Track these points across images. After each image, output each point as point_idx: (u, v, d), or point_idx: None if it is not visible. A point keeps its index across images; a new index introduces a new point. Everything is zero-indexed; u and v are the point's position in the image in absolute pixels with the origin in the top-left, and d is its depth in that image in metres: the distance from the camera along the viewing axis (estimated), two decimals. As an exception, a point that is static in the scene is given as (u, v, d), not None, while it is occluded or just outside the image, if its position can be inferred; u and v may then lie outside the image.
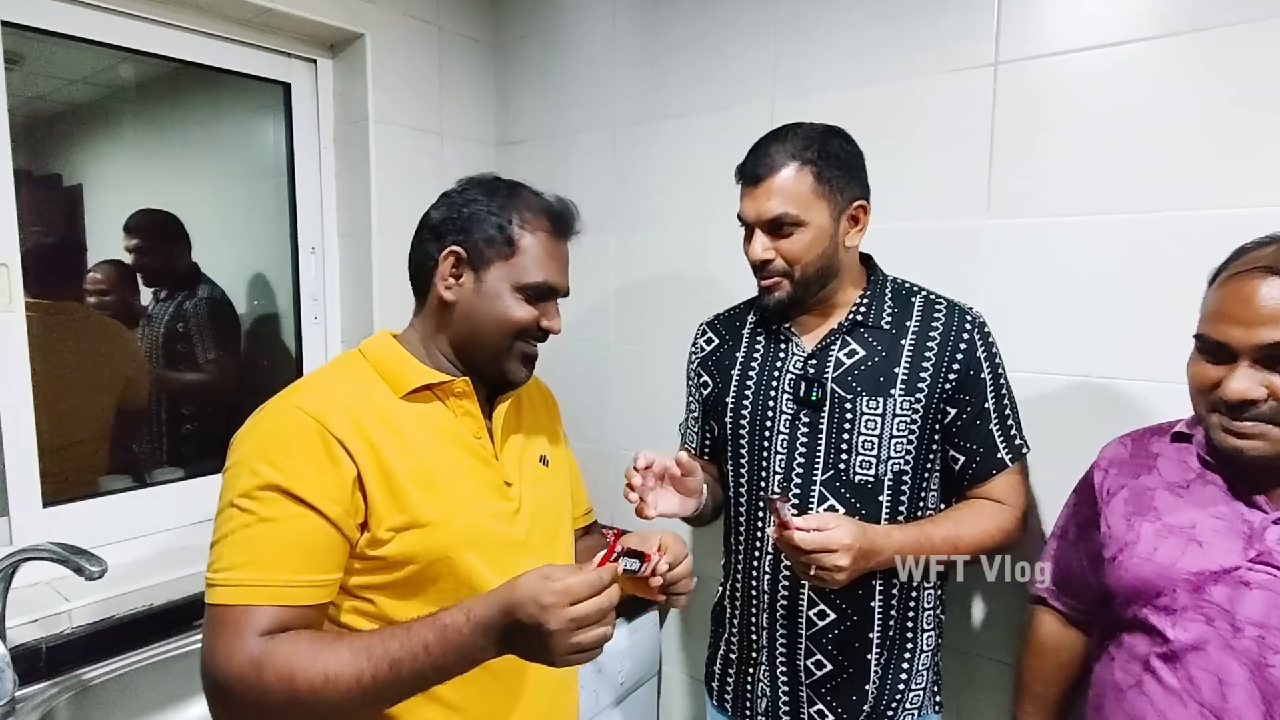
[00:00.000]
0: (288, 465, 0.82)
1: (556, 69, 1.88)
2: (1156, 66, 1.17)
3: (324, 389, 0.91)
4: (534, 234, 0.96)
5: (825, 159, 1.10)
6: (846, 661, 1.16)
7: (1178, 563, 0.91)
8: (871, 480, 1.13)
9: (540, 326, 0.98)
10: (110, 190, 1.60)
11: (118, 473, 1.58)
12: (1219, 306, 0.87)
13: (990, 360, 1.15)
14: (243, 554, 0.81)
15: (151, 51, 1.52)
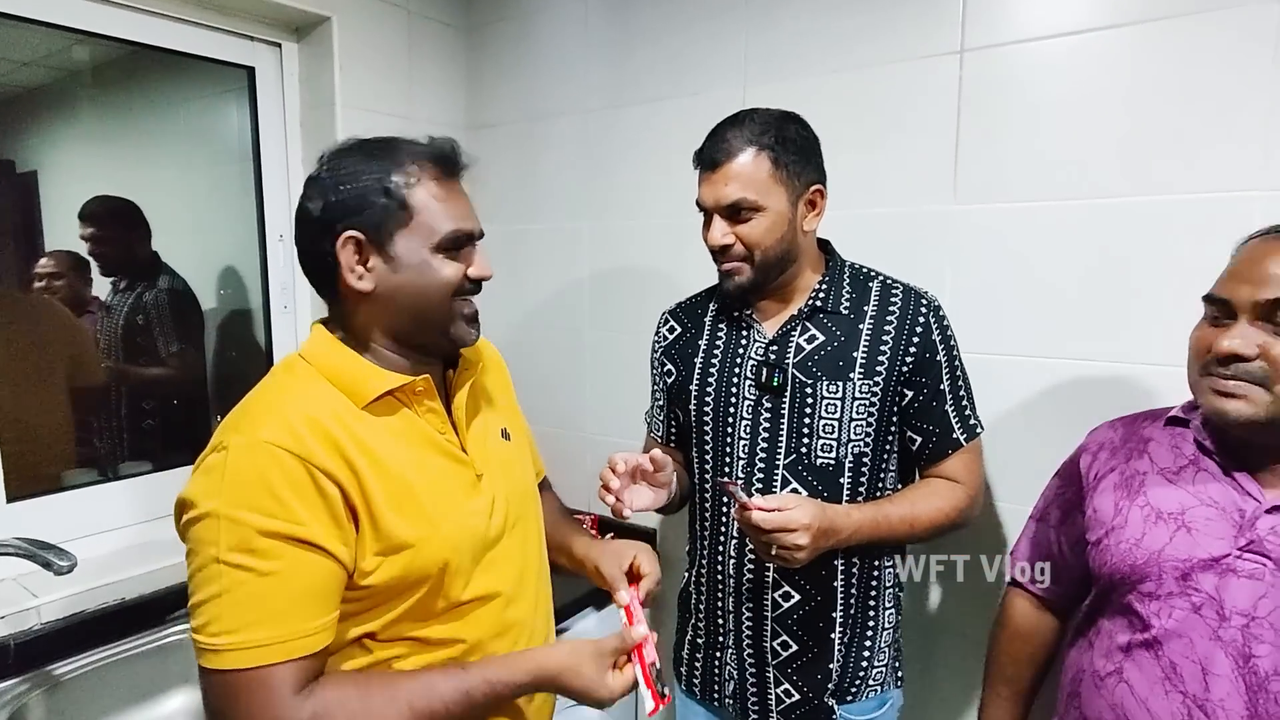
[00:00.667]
0: (279, 509, 0.76)
1: (528, 53, 1.86)
2: (1118, 54, 1.20)
3: (286, 415, 0.81)
4: (424, 184, 0.87)
5: (782, 144, 1.11)
6: (811, 641, 1.19)
7: (1166, 549, 0.90)
8: (832, 463, 1.15)
9: (470, 278, 0.91)
10: (67, 177, 1.56)
11: (83, 466, 1.55)
12: (1233, 268, 0.88)
13: (945, 343, 1.17)
14: (251, 613, 0.75)
15: (110, 35, 1.48)
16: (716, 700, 1.27)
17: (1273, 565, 0.84)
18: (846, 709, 1.19)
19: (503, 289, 2.00)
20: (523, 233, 1.94)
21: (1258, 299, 0.83)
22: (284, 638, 0.76)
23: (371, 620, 0.86)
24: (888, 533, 1.13)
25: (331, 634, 0.81)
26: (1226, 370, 0.85)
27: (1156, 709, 0.88)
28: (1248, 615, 0.84)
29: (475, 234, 0.91)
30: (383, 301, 0.88)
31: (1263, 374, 0.83)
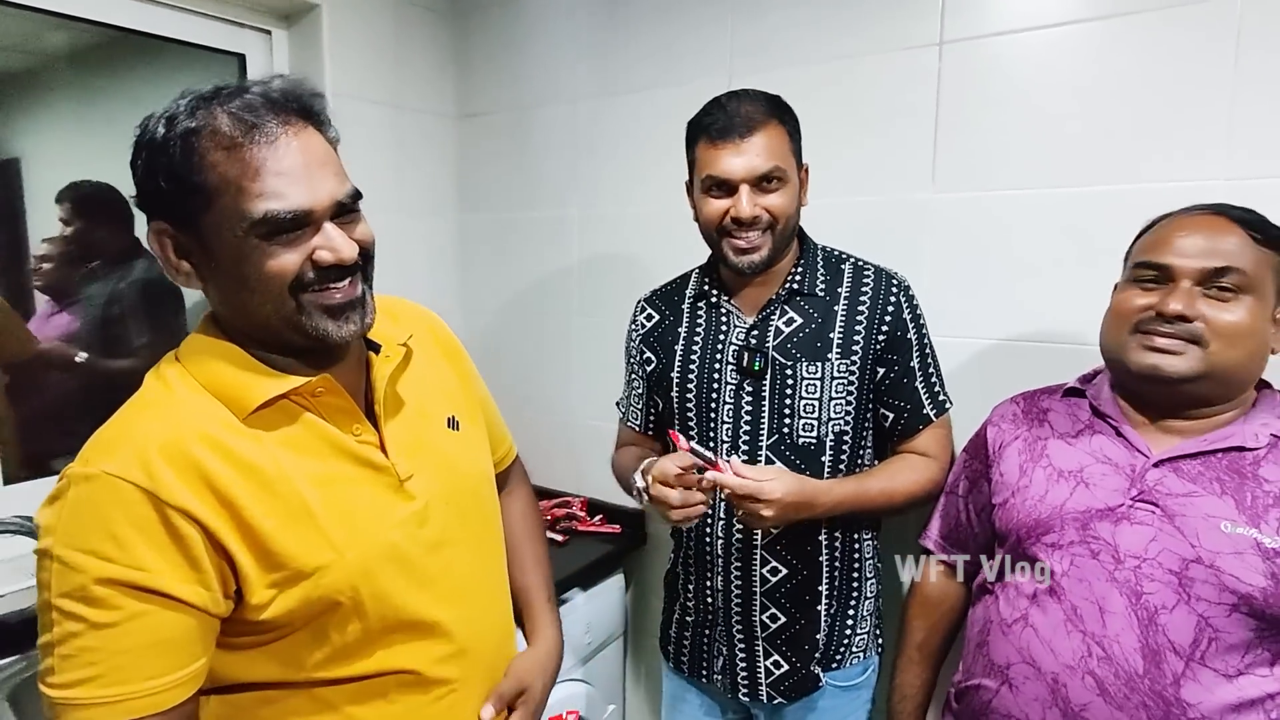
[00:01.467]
0: (117, 553, 0.65)
1: (517, 41, 1.88)
2: (1091, 47, 1.24)
3: (138, 435, 0.69)
4: (220, 154, 0.68)
5: (792, 121, 1.17)
6: (799, 613, 1.23)
7: (1067, 503, 0.98)
8: (814, 442, 1.19)
9: (316, 264, 0.71)
10: (51, 165, 1.55)
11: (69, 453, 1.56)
12: (1162, 237, 0.96)
13: (915, 321, 1.21)
14: (83, 668, 0.65)
15: (97, 20, 1.48)
16: (705, 677, 1.32)
17: (1160, 512, 0.92)
18: (832, 675, 1.25)
19: (493, 275, 2.03)
20: (513, 220, 1.96)
21: (1201, 267, 0.91)
22: (124, 696, 0.66)
23: (278, 661, 0.75)
24: (868, 505, 1.19)
25: (189, 687, 0.70)
26: (1167, 327, 0.92)
27: (1059, 648, 0.95)
28: (1140, 557, 0.92)
29: (314, 209, 0.70)
30: (219, 299, 0.75)
31: (1198, 332, 0.90)
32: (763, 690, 1.25)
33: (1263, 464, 0.91)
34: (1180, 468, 0.94)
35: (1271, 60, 1.12)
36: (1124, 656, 0.90)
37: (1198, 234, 0.93)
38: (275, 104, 0.71)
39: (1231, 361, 0.91)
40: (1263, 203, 1.14)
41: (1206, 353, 0.91)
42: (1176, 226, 0.95)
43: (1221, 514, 0.90)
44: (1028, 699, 0.96)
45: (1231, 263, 0.90)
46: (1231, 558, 0.87)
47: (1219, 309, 0.90)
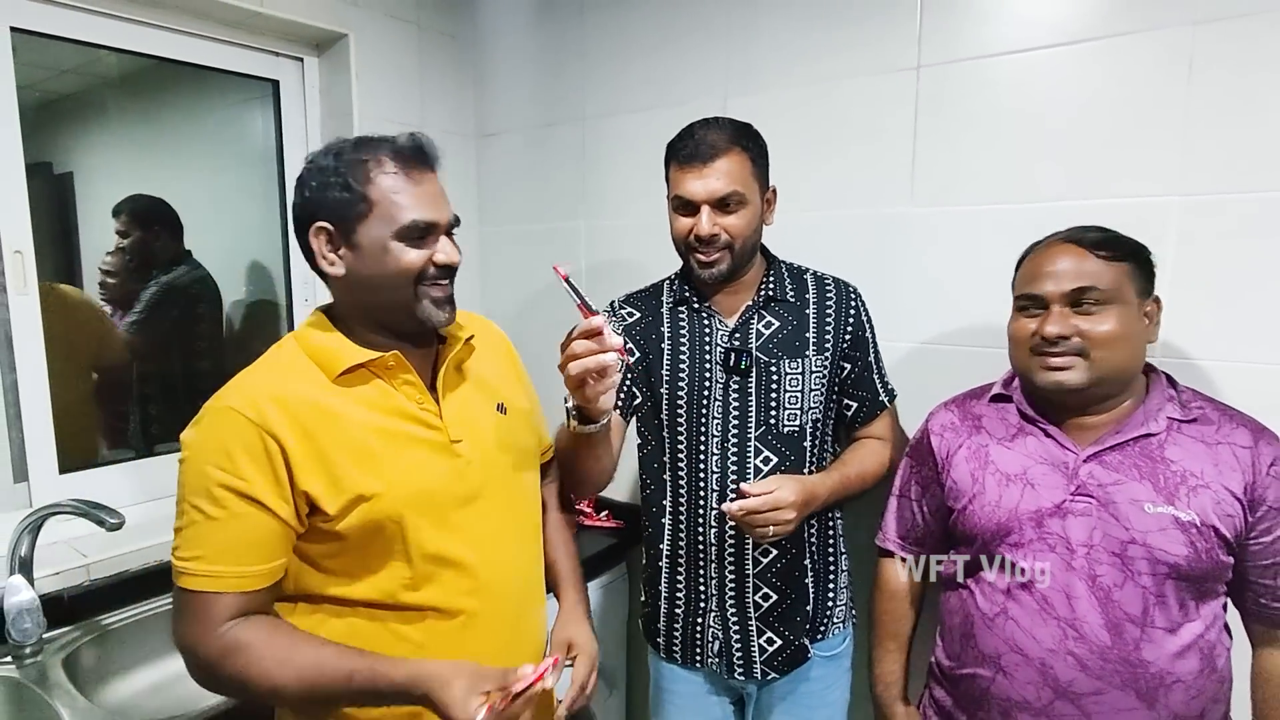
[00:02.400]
0: (229, 466, 0.88)
1: (532, 65, 2.00)
2: (1058, 71, 1.32)
3: (256, 384, 0.93)
4: (384, 178, 0.94)
5: (755, 147, 1.27)
6: (789, 589, 1.34)
7: (1020, 505, 1.10)
8: (797, 430, 1.32)
9: (435, 264, 0.97)
10: (101, 178, 1.68)
11: (122, 445, 1.71)
12: (1032, 270, 1.10)
13: (869, 323, 1.38)
14: (199, 547, 0.89)
15: (147, 53, 1.62)
16: (699, 662, 1.40)
17: (1096, 502, 1.05)
18: (818, 647, 1.36)
19: (510, 284, 2.14)
20: (528, 232, 2.08)
21: (1065, 290, 1.05)
22: (221, 573, 0.88)
23: (345, 579, 0.96)
24: (850, 490, 1.32)
25: (269, 578, 0.92)
26: (1054, 348, 1.05)
27: (1040, 635, 1.07)
28: (1088, 545, 1.05)
29: (440, 223, 0.97)
30: (353, 285, 0.97)
31: (1081, 346, 1.04)
32: (757, 668, 1.35)
33: (1166, 446, 1.05)
34: (1104, 460, 1.07)
35: (1221, 84, 1.19)
36: (1094, 634, 1.03)
37: (1057, 263, 1.07)
38: (420, 151, 0.98)
39: (1116, 363, 1.05)
40: (1215, 216, 1.22)
41: (1092, 361, 1.04)
42: (1041, 260, 1.10)
43: (1143, 497, 1.03)
44: (1022, 683, 1.07)
45: (1089, 282, 1.04)
46: (1158, 534, 1.01)
47: (1091, 322, 1.04)
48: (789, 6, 1.58)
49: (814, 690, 1.38)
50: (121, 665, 1.41)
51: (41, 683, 1.22)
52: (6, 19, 1.40)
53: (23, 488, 1.48)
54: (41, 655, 1.29)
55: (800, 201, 1.32)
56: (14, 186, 1.43)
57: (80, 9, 1.50)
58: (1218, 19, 1.18)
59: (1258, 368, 1.21)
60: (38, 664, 1.27)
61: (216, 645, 0.89)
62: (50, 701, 1.18)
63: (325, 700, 0.91)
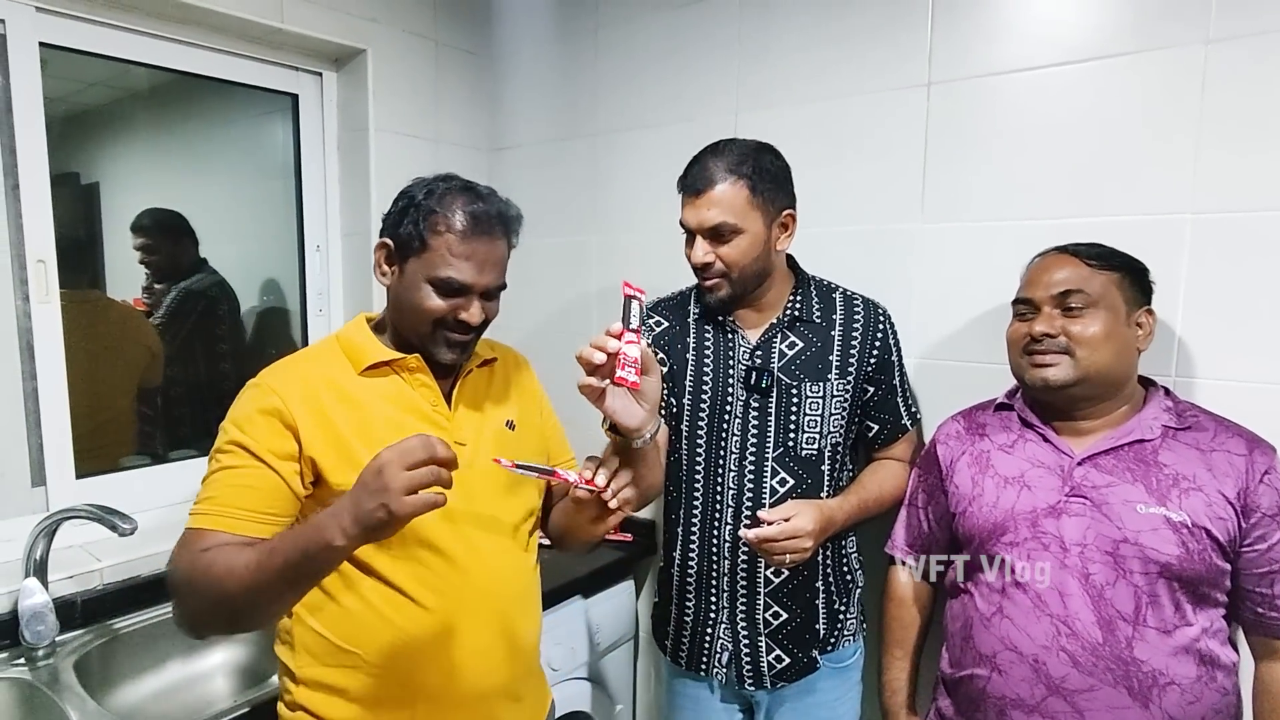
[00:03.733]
0: (248, 427, 0.98)
1: (544, 81, 2.03)
2: (1069, 88, 1.32)
3: (290, 367, 1.06)
4: (445, 234, 1.02)
5: (759, 173, 1.24)
6: (799, 608, 1.34)
7: (1016, 505, 1.14)
8: (815, 454, 1.32)
9: (456, 319, 1.04)
10: (126, 189, 1.71)
11: (137, 451, 1.73)
12: (1028, 278, 1.18)
13: (897, 345, 1.38)
14: (208, 491, 0.98)
15: (172, 68, 1.66)
16: (705, 671, 1.40)
17: (1089, 503, 1.09)
18: (827, 657, 1.37)
19: (521, 297, 2.15)
20: (539, 246, 2.10)
21: (1053, 294, 1.12)
22: (218, 511, 0.96)
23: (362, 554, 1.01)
24: (867, 513, 1.32)
25: (263, 529, 0.96)
26: (1041, 346, 1.12)
27: (1034, 633, 1.09)
28: (1081, 544, 1.08)
29: (472, 287, 1.03)
30: (392, 300, 1.09)
31: (1066, 344, 1.10)
32: (766, 679, 1.35)
33: (1160, 451, 1.09)
34: (1098, 463, 1.11)
35: (1233, 104, 1.18)
36: (1085, 631, 1.06)
37: (1049, 271, 1.14)
38: (492, 219, 1.05)
39: (1100, 363, 1.09)
40: (1228, 235, 1.21)
41: (1076, 360, 1.10)
42: (1036, 269, 1.17)
43: (1136, 498, 1.07)
44: (1016, 680, 1.10)
45: (1075, 286, 1.10)
46: (1150, 534, 1.04)
47: (1076, 323, 1.10)
48: (800, 25, 1.59)
49: (823, 701, 1.38)
50: (131, 669, 1.42)
51: (53, 685, 1.24)
52: (37, 34, 1.44)
53: (40, 492, 1.51)
54: (53, 658, 1.30)
55: (811, 217, 1.33)
56: (39, 198, 1.46)
57: (108, 25, 1.54)
58: (1231, 38, 1.18)
59: (1272, 388, 1.19)
60: (49, 666, 1.28)
61: (189, 559, 0.93)
62: (60, 704, 1.19)
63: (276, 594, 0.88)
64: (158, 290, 1.76)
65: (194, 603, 0.93)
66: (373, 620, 1.02)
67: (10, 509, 1.46)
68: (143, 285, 1.75)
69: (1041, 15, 1.33)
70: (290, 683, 1.06)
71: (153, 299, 1.77)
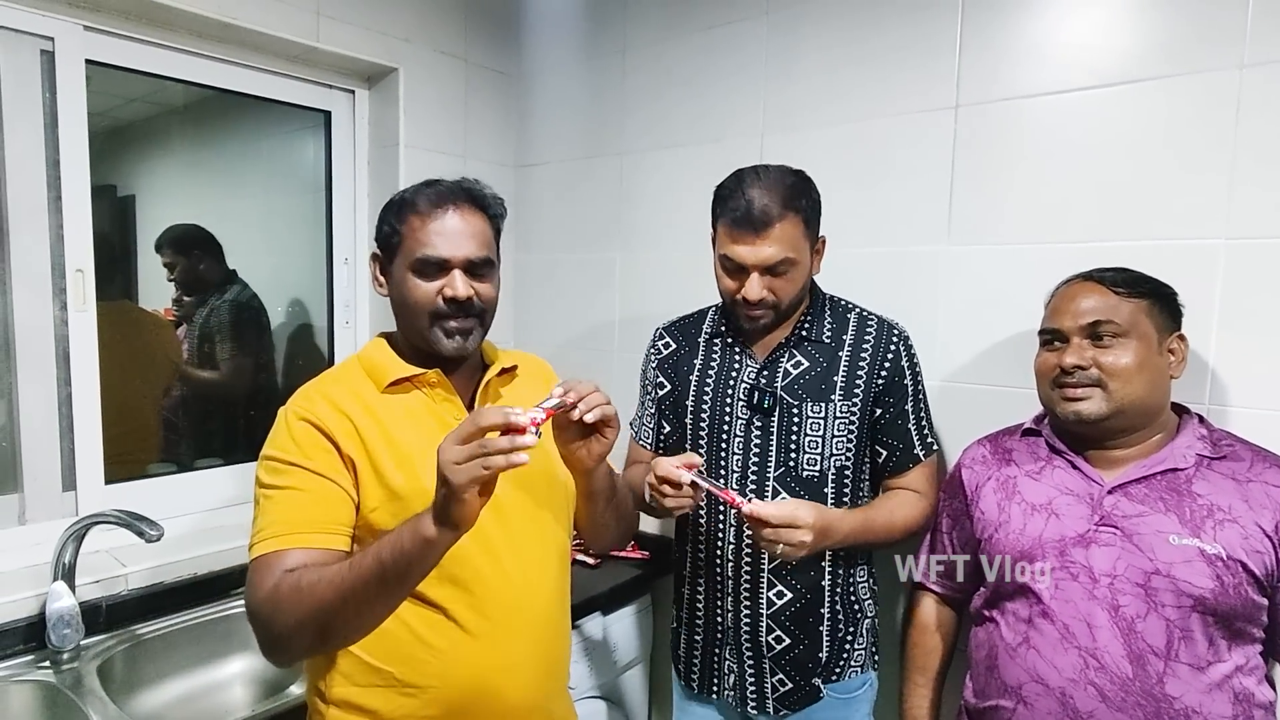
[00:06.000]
0: (292, 447, 0.98)
1: (572, 99, 2.05)
2: (1099, 112, 1.31)
3: (311, 389, 1.06)
4: (411, 218, 1.03)
5: (810, 207, 1.24)
6: (803, 634, 1.32)
7: (1044, 533, 1.11)
8: (817, 475, 1.30)
9: (446, 300, 1.02)
10: (161, 201, 1.75)
11: (165, 459, 1.76)
12: (1054, 307, 1.15)
13: (912, 369, 1.33)
14: (267, 517, 0.96)
15: (208, 84, 1.70)
16: (715, 693, 1.39)
17: (1120, 533, 1.06)
18: (831, 688, 1.33)
19: (546, 311, 2.17)
20: (563, 261, 2.11)
21: (1082, 324, 1.09)
22: (287, 531, 0.94)
23: None
24: (871, 537, 1.27)
25: (339, 540, 0.96)
26: (1072, 379, 1.09)
27: (1061, 664, 1.06)
28: (1111, 575, 1.05)
29: (452, 259, 1.02)
30: (393, 309, 1.09)
31: (1098, 377, 1.08)
32: (769, 703, 1.34)
33: (1194, 481, 1.05)
34: (1129, 491, 1.08)
35: (1270, 128, 1.17)
36: (1115, 664, 1.03)
37: (1076, 300, 1.11)
38: (456, 192, 1.05)
39: (1134, 395, 1.07)
40: (1260, 261, 1.19)
41: (1109, 393, 1.07)
42: (1062, 297, 1.15)
43: (1168, 529, 1.03)
44: (1042, 714, 1.07)
45: (1104, 316, 1.08)
46: (1183, 566, 1.01)
47: (1107, 354, 1.07)
48: (827, 46, 1.59)
49: None
50: (153, 675, 1.44)
51: (76, 688, 1.25)
52: (84, 52, 1.49)
53: (70, 496, 1.53)
54: (78, 662, 1.32)
55: (837, 238, 1.32)
56: (80, 209, 1.50)
57: (151, 44, 1.58)
58: (1267, 63, 1.16)
59: (1310, 418, 1.17)
60: (74, 670, 1.30)
61: (273, 582, 0.91)
62: (83, 708, 1.21)
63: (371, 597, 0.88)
64: (187, 302, 1.80)
65: (283, 620, 0.90)
66: (408, 640, 1.00)
67: (41, 513, 1.49)
68: (173, 296, 1.79)
69: (1071, 39, 1.33)
70: (320, 703, 1.04)
71: (183, 310, 1.81)
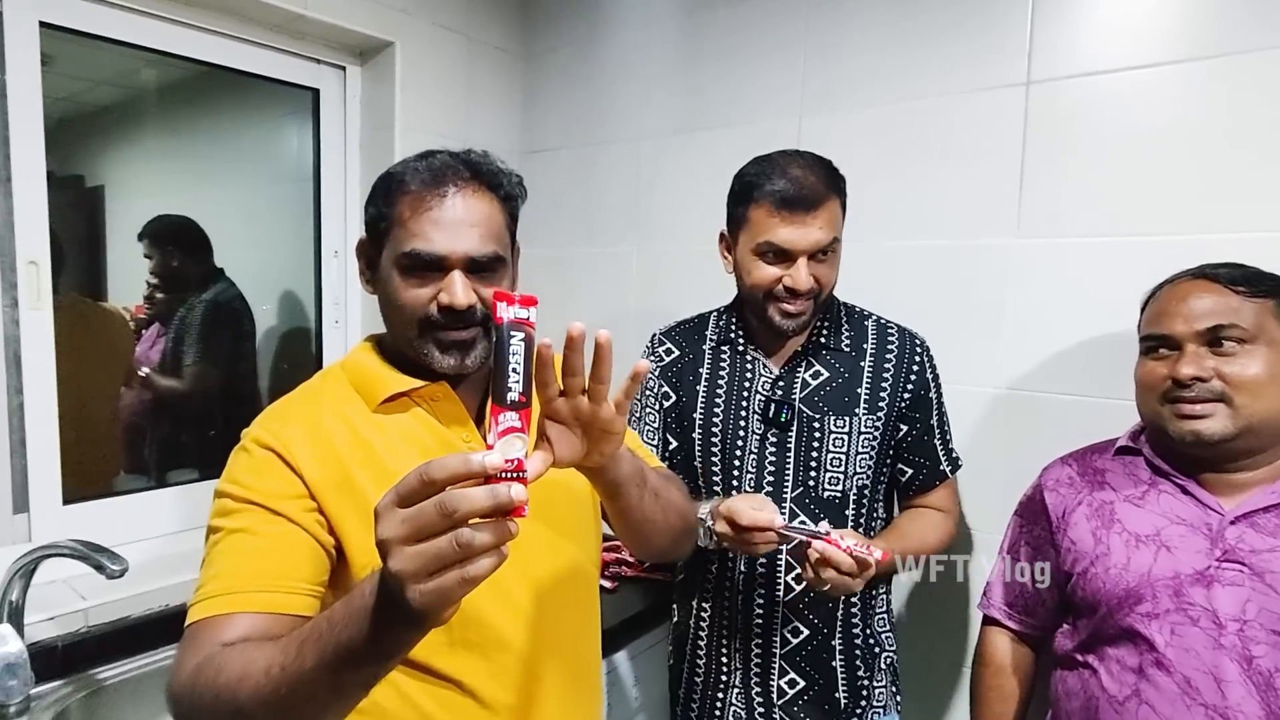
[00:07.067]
0: (249, 480, 0.78)
1: (585, 79, 1.90)
2: (1187, 89, 1.17)
3: (285, 412, 0.84)
4: (401, 198, 0.82)
5: (845, 190, 1.16)
6: (818, 674, 1.20)
7: (1153, 569, 0.97)
8: (839, 496, 1.18)
9: (439, 305, 0.81)
10: (132, 193, 1.61)
11: (134, 472, 1.59)
12: (1161, 309, 1.00)
13: (935, 381, 1.24)
14: (210, 570, 0.75)
15: (185, 55, 1.54)
16: None
17: (1249, 570, 0.91)
18: None
19: (550, 313, 2.00)
20: (572, 256, 1.95)
21: (1199, 329, 0.95)
22: (232, 590, 0.72)
23: None
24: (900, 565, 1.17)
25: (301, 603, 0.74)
26: (1189, 393, 0.95)
27: None
28: (1239, 620, 0.90)
29: (449, 256, 0.81)
30: (380, 309, 0.88)
31: (1221, 390, 0.93)
32: None
33: None
34: (1256, 522, 0.94)
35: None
36: None
37: (1188, 300, 0.97)
38: (457, 167, 0.83)
39: (1264, 411, 0.93)
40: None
41: (1235, 409, 0.93)
42: (1170, 297, 1.00)
43: None
44: None
45: (1225, 320, 0.94)
46: None
47: (1231, 364, 0.93)
48: (876, 19, 1.45)
49: None
50: (116, 726, 1.26)
51: (24, 750, 1.08)
52: (37, 13, 1.31)
53: (22, 519, 1.35)
54: (27, 715, 1.14)
55: (884, 230, 1.18)
56: (33, 194, 1.32)
57: (115, 5, 1.41)
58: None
59: None
60: (22, 726, 1.12)
61: (188, 672, 0.67)
62: (31, 774, 1.03)
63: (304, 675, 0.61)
64: (160, 300, 1.63)
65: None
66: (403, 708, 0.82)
67: (-13, 539, 1.31)
68: (144, 294, 1.62)
69: (1161, 4, 1.18)
70: None
71: (155, 308, 1.63)
